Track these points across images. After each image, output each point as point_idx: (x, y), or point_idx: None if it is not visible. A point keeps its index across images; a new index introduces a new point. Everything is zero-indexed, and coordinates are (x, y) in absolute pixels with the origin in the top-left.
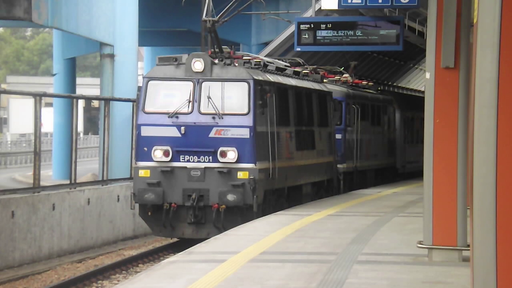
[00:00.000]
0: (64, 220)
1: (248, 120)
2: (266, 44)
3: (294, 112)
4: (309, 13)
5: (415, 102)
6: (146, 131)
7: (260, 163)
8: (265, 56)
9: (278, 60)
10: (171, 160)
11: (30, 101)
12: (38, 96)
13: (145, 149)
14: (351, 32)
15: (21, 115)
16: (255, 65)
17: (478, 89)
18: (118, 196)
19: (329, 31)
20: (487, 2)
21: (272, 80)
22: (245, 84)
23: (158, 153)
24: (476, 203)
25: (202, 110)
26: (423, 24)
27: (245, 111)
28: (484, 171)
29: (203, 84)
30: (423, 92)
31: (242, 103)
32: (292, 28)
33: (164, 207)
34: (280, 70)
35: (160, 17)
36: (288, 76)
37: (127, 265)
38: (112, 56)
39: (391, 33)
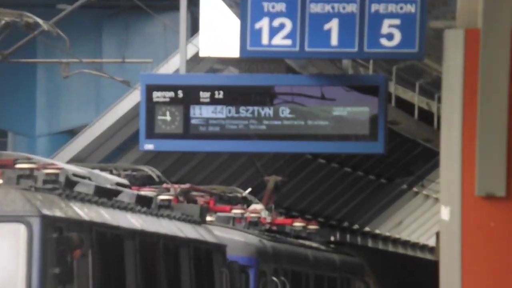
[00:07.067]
0: None
1: None
2: (72, 133)
3: None
4: (173, 64)
5: (414, 269)
6: None
7: None
8: (69, 163)
9: (103, 169)
10: None
11: None
12: None
13: None
14: (268, 111)
15: None
16: (45, 182)
17: None
18: None
19: (218, 108)
20: None
21: (87, 219)
22: (18, 229)
23: None
24: None
25: None
26: (431, 95)
27: None
28: None
29: None
30: (430, 249)
31: (8, 275)
32: (134, 99)
33: None
34: (106, 195)
35: None
36: (125, 208)
37: None
38: None
39: (359, 114)
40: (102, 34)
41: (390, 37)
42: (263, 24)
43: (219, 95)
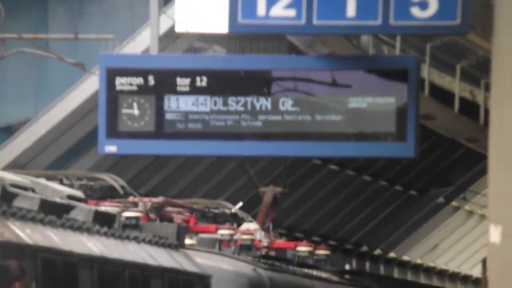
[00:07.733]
0: None
1: None
2: (10, 131)
3: None
4: (141, 42)
5: None
6: None
7: None
8: (6, 169)
9: (51, 178)
10: None
11: None
12: None
13: None
14: (265, 103)
15: None
16: None
17: None
18: None
19: (201, 99)
20: None
21: (30, 242)
22: None
23: None
24: None
25: None
26: (476, 81)
27: None
28: None
29: None
30: (475, 281)
31: None
32: (91, 87)
33: None
34: (55, 212)
35: None
36: (80, 228)
37: None
38: None
39: (382, 106)
40: (48, 2)
41: (423, 5)
42: None
43: (202, 82)
